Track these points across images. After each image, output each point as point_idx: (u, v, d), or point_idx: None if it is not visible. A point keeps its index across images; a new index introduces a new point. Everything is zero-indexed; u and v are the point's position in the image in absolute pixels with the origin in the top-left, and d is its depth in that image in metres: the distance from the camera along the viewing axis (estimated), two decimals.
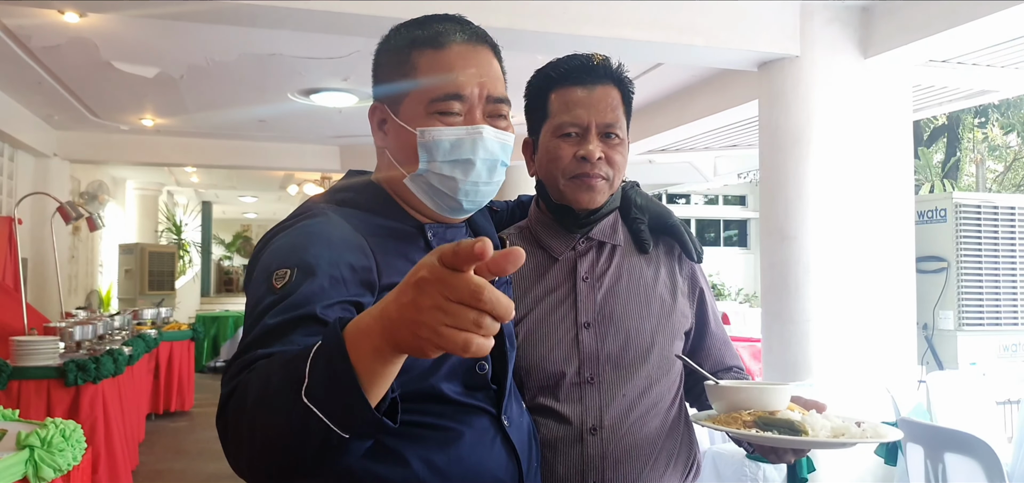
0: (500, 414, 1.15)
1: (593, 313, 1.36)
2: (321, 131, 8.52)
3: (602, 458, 1.32)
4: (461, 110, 1.11)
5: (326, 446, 0.82)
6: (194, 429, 6.67)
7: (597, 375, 1.34)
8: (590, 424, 1.33)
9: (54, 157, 8.42)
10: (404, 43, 1.15)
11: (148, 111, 7.57)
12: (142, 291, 10.46)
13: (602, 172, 1.35)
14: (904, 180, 4.43)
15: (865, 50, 4.29)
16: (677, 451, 1.40)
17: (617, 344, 1.35)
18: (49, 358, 4.36)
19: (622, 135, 1.37)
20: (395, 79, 1.14)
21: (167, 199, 14.23)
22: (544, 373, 1.34)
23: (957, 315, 4.64)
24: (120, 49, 5.47)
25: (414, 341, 0.74)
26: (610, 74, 1.37)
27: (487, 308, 0.71)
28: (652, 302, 1.39)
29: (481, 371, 1.13)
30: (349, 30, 4.13)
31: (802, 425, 1.17)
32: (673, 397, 1.41)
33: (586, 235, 1.40)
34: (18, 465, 2.34)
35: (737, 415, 1.22)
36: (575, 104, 1.35)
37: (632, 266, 1.41)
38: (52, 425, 2.50)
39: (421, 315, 0.72)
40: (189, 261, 15.20)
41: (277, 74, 6.05)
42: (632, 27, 3.92)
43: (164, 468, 5.40)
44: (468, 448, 1.10)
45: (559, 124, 1.36)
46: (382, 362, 0.79)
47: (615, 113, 1.36)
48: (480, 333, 0.71)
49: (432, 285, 0.71)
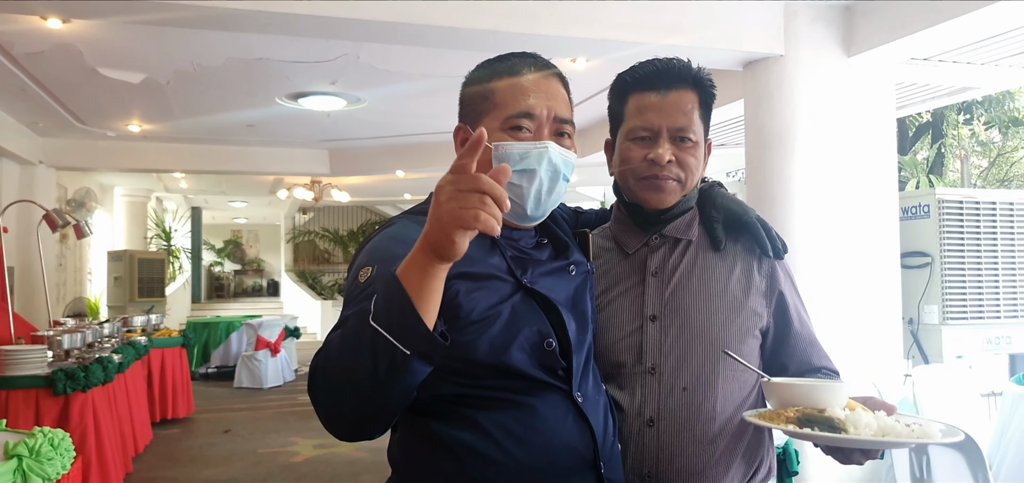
0: (573, 390, 1.23)
1: (660, 306, 1.39)
2: (310, 135, 8.51)
3: (658, 449, 1.34)
4: (531, 127, 1.26)
5: (394, 369, 1.00)
6: (186, 436, 6.65)
7: (658, 366, 1.36)
8: (648, 415, 1.35)
9: (40, 164, 8.37)
10: (486, 74, 1.33)
11: (135, 117, 7.54)
12: (132, 298, 10.40)
13: (673, 174, 1.39)
14: (888, 177, 4.48)
15: (848, 48, 4.33)
16: (744, 450, 1.38)
17: (681, 337, 1.37)
18: (37, 367, 4.32)
19: (695, 138, 1.40)
20: (477, 103, 1.31)
21: (156, 205, 14.16)
22: (607, 361, 1.38)
23: (941, 309, 4.69)
24: (105, 55, 5.45)
25: (441, 234, 0.97)
26: (687, 78, 1.41)
27: (486, 189, 0.95)
28: (722, 298, 1.40)
29: (549, 348, 1.22)
30: (336, 34, 4.13)
31: (843, 423, 1.15)
32: (744, 397, 1.40)
33: (660, 232, 1.44)
34: (7, 475, 2.33)
35: (782, 411, 1.21)
36: (648, 109, 1.39)
37: (706, 262, 1.43)
38: (40, 434, 2.48)
39: (441, 209, 0.97)
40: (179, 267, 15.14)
41: (265, 78, 6.04)
42: (616, 28, 3.95)
43: (156, 476, 5.38)
44: (542, 420, 1.20)
45: (632, 128, 1.41)
46: (427, 276, 1.00)
47: (688, 117, 1.39)
48: (485, 209, 0.95)
49: (446, 185, 0.97)
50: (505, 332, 1.19)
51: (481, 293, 1.20)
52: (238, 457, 5.94)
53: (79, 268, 10.62)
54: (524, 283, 1.24)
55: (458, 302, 1.17)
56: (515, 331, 1.20)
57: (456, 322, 1.16)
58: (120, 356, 5.26)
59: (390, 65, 5.63)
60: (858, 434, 1.14)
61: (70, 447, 2.58)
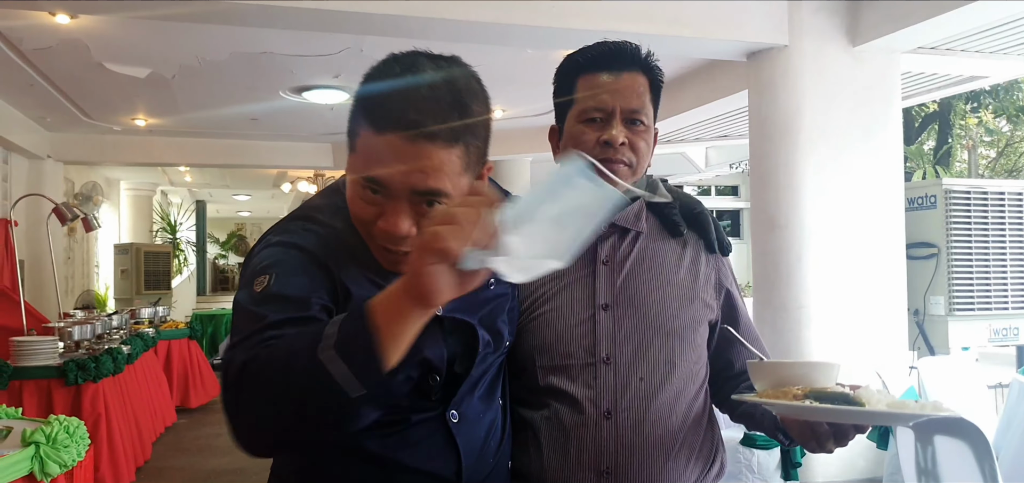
0: (446, 410, 1.15)
1: (611, 295, 1.35)
2: (313, 128, 8.52)
3: (616, 444, 1.29)
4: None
5: (339, 406, 0.88)
6: (193, 426, 6.69)
7: (613, 355, 1.31)
8: (604, 408, 1.30)
9: (48, 159, 8.40)
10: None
11: (140, 111, 7.57)
12: (138, 291, 10.45)
13: (625, 158, 1.34)
14: (894, 167, 4.47)
15: (853, 38, 4.32)
16: (699, 445, 1.36)
17: (635, 324, 1.33)
18: (49, 358, 4.40)
19: (647, 122, 1.36)
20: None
21: (161, 199, 14.20)
22: (557, 353, 1.32)
23: (948, 301, 4.68)
24: (111, 50, 5.48)
25: (419, 266, 0.82)
26: (637, 61, 1.37)
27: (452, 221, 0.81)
28: (675, 287, 1.37)
29: (432, 382, 1.13)
30: (339, 27, 4.15)
31: (858, 398, 1.11)
32: (697, 389, 1.38)
33: (609, 221, 1.38)
34: (24, 461, 2.39)
35: (786, 390, 1.16)
36: (600, 89, 1.35)
37: (655, 252, 1.40)
38: (56, 422, 2.54)
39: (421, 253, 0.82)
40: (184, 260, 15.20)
41: (268, 72, 6.05)
42: (619, 20, 3.95)
43: (164, 465, 5.43)
44: (402, 438, 1.12)
45: (583, 109, 1.35)
46: (400, 320, 0.86)
47: (641, 99, 1.35)
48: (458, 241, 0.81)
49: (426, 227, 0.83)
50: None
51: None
52: None
53: (86, 261, 10.68)
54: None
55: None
56: (404, 363, 0.99)
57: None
58: (129, 347, 5.32)
59: None
60: (874, 408, 1.11)
61: (85, 435, 2.64)
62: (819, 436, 1.18)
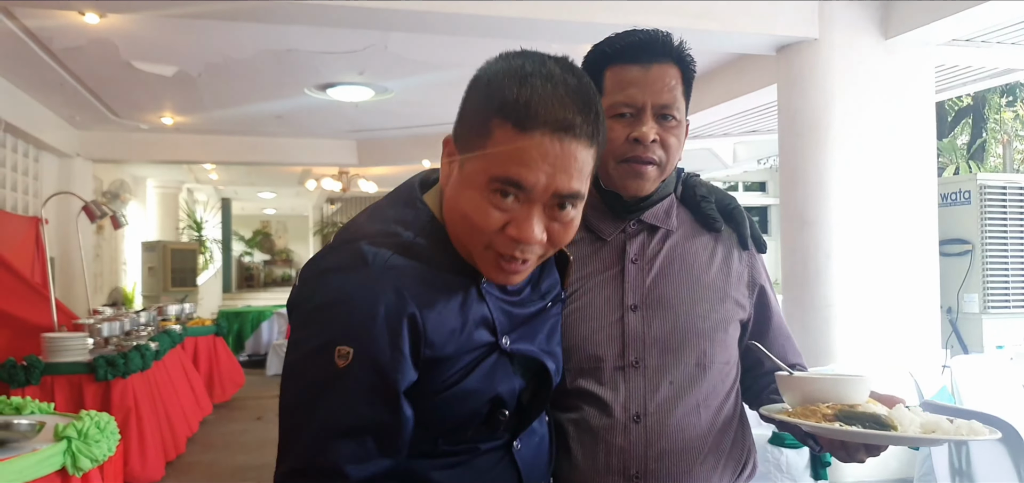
0: (513, 441, 1.14)
1: (641, 296, 1.30)
2: (338, 125, 8.57)
3: (645, 448, 1.26)
4: (519, 197, 1.04)
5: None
6: (220, 422, 6.75)
7: (642, 359, 1.28)
8: (633, 412, 1.26)
9: (77, 157, 8.53)
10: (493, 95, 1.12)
11: (167, 109, 7.66)
12: (165, 288, 10.60)
13: (655, 156, 1.28)
14: (927, 162, 4.38)
15: (885, 31, 4.24)
16: (730, 449, 1.32)
17: (665, 327, 1.29)
18: (79, 354, 4.47)
19: (679, 117, 1.30)
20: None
21: (187, 196, 14.37)
22: (585, 355, 1.28)
23: (982, 298, 4.59)
24: (139, 49, 5.54)
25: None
26: (669, 51, 1.29)
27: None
28: (705, 287, 1.33)
29: (501, 418, 1.11)
30: (364, 24, 4.15)
31: (890, 419, 1.07)
32: (728, 390, 1.34)
33: (638, 218, 1.35)
34: (57, 455, 2.44)
35: (815, 408, 1.12)
36: (630, 83, 1.27)
37: (686, 251, 1.35)
38: (87, 417, 2.60)
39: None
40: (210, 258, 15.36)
41: (293, 69, 6.09)
42: (648, 13, 3.90)
43: (193, 460, 5.49)
44: (470, 471, 1.11)
45: (612, 103, 1.28)
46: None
47: (672, 93, 1.28)
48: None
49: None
50: (463, 403, 1.06)
51: (450, 365, 1.05)
52: (271, 443, 5.95)
53: (114, 258, 10.83)
54: (501, 345, 1.09)
55: (425, 381, 1.03)
56: (475, 400, 1.07)
57: (422, 395, 1.03)
58: (157, 344, 5.38)
59: (417, 55, 5.64)
60: (906, 431, 1.07)
61: (115, 430, 2.68)
62: (849, 448, 1.15)
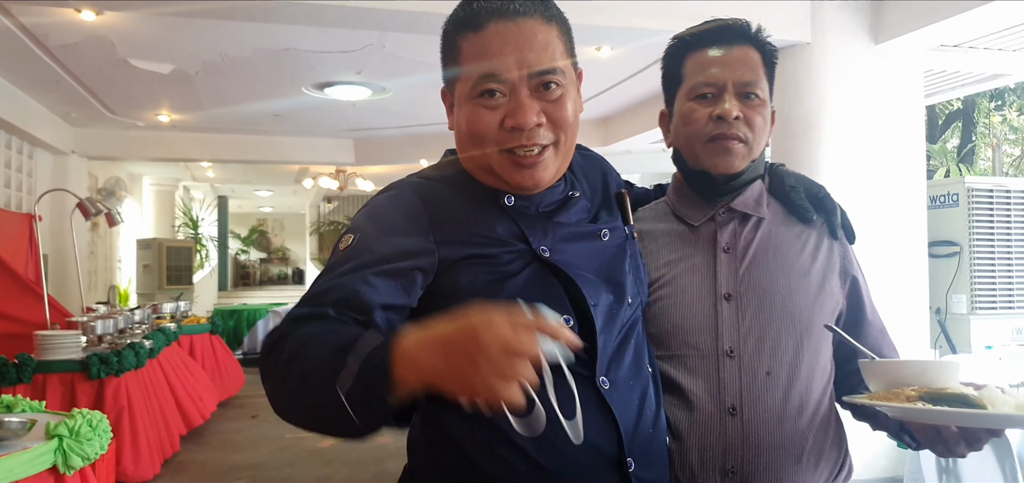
0: (595, 376, 1.09)
1: (735, 284, 1.27)
2: (335, 124, 8.58)
3: (742, 442, 1.21)
4: (504, 91, 1.08)
5: (350, 433, 0.91)
6: (215, 420, 6.76)
7: (737, 348, 1.24)
8: (729, 403, 1.22)
9: (72, 154, 8.52)
10: (451, 26, 1.14)
11: (164, 107, 7.66)
12: (160, 286, 10.58)
13: (740, 133, 1.26)
14: (916, 165, 4.43)
15: (876, 36, 4.29)
16: (827, 447, 1.27)
17: (760, 317, 1.25)
18: (72, 352, 4.46)
19: (763, 96, 1.29)
20: (447, 64, 1.17)
21: (183, 194, 14.35)
22: (675, 342, 1.26)
23: (970, 299, 4.63)
24: (136, 46, 5.55)
25: (459, 391, 0.83)
26: (748, 36, 1.31)
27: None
28: (801, 276, 1.29)
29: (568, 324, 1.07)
30: (362, 24, 4.17)
31: (979, 399, 1.00)
32: (825, 385, 1.29)
33: (727, 205, 1.32)
34: (48, 454, 2.43)
35: (899, 391, 1.07)
36: (710, 64, 1.28)
37: (780, 240, 1.32)
38: (79, 416, 2.58)
39: (477, 365, 0.81)
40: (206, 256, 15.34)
41: (291, 68, 6.10)
42: (642, 16, 3.94)
43: (187, 459, 5.49)
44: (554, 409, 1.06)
45: (693, 85, 1.29)
46: (422, 378, 0.86)
47: (754, 72, 1.28)
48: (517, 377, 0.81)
49: (494, 345, 0.81)
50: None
51: (482, 271, 1.06)
52: (265, 442, 6.04)
53: (109, 255, 10.81)
54: (539, 253, 1.09)
55: (458, 286, 1.05)
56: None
57: (464, 294, 1.03)
58: (151, 342, 5.38)
59: (415, 55, 5.66)
60: (999, 410, 0.99)
61: (107, 428, 2.67)
62: (946, 440, 1.10)
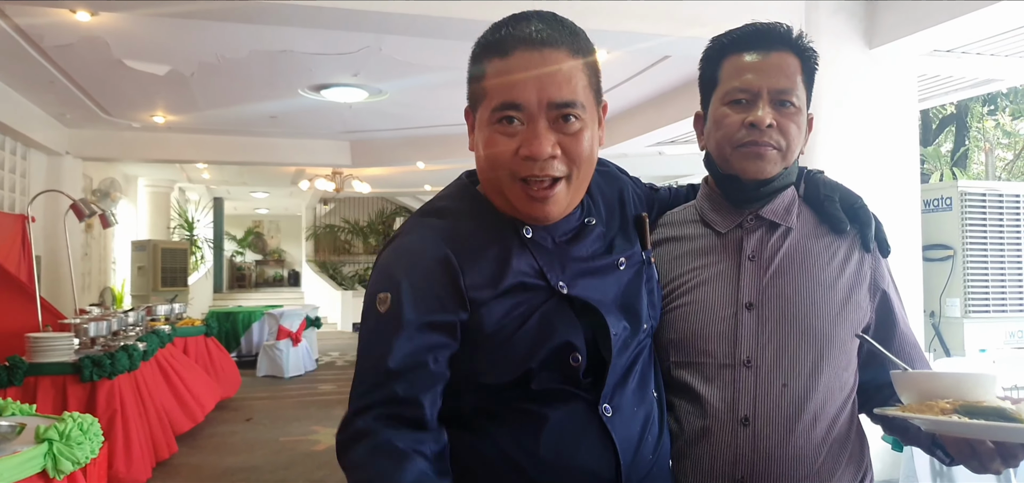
0: (599, 403, 1.11)
1: (757, 293, 1.26)
2: (332, 126, 8.57)
3: (753, 453, 1.19)
4: (521, 119, 1.09)
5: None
6: (209, 423, 6.74)
7: (755, 358, 1.22)
8: (742, 413, 1.21)
9: (66, 155, 8.50)
10: (479, 50, 1.19)
11: (159, 108, 7.64)
12: (155, 287, 10.55)
13: (773, 141, 1.25)
14: (910, 169, 4.45)
15: (870, 41, 4.30)
16: (844, 462, 1.24)
17: (782, 328, 1.23)
18: (64, 354, 4.42)
19: (798, 104, 1.27)
20: (473, 86, 1.19)
21: (179, 196, 14.33)
22: (693, 349, 1.25)
23: (963, 303, 4.64)
24: (131, 47, 5.54)
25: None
26: (787, 41, 1.28)
27: None
28: (826, 288, 1.26)
29: (574, 363, 1.09)
30: (359, 26, 4.17)
31: (1018, 413, 0.97)
32: (846, 398, 1.26)
33: (756, 213, 1.31)
34: (37, 458, 2.40)
35: (932, 403, 1.04)
36: (746, 69, 1.27)
37: (807, 250, 1.29)
38: (70, 419, 2.55)
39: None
40: (201, 257, 15.31)
41: (287, 70, 6.10)
42: (639, 20, 3.95)
43: (180, 463, 5.47)
44: (554, 434, 1.08)
45: (728, 90, 1.28)
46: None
47: (790, 79, 1.26)
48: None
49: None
50: (527, 346, 1.08)
51: (502, 307, 1.08)
52: (260, 445, 6.02)
53: (104, 257, 10.78)
54: (557, 289, 1.10)
55: (482, 325, 1.08)
56: (538, 344, 1.08)
57: (475, 346, 1.07)
58: (145, 344, 5.36)
59: (411, 57, 5.66)
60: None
61: (99, 432, 2.64)
62: (981, 455, 1.06)
